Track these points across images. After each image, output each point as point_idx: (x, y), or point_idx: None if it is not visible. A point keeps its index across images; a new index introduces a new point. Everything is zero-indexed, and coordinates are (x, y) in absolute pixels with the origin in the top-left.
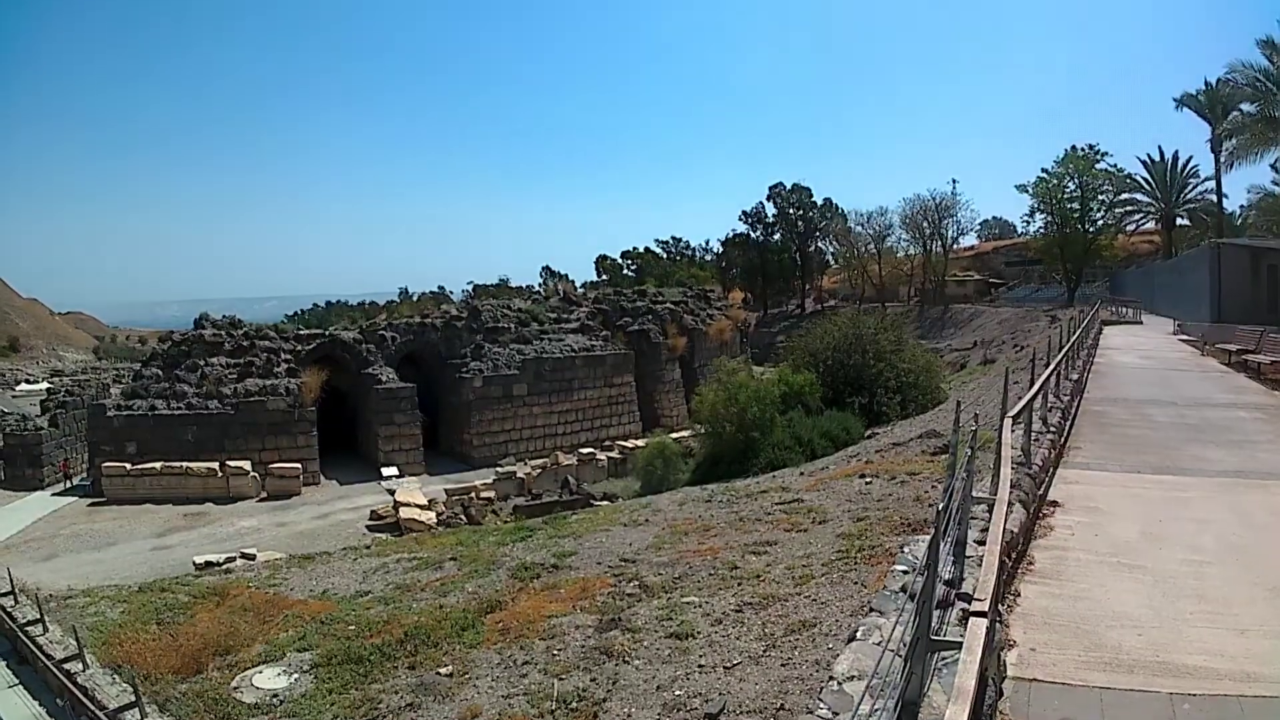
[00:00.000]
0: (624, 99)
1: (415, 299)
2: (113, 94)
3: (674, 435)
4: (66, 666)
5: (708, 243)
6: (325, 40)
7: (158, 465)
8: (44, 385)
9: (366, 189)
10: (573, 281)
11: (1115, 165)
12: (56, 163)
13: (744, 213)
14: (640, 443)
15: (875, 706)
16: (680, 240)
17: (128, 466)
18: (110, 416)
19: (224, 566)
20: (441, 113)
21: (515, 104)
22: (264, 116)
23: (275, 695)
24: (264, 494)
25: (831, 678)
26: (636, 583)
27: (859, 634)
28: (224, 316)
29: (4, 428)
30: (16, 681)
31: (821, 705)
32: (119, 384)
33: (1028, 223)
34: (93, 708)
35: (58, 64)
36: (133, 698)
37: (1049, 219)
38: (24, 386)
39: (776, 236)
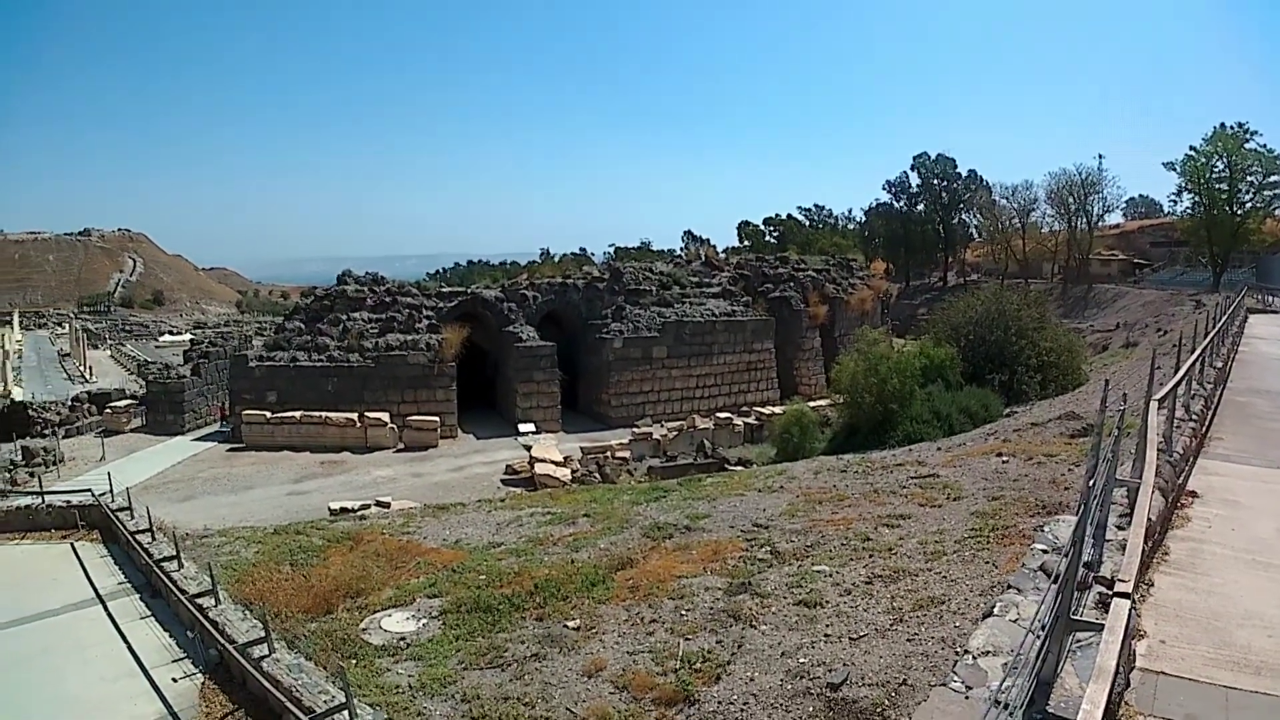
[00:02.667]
0: (767, 65)
1: (557, 260)
2: (260, 63)
3: (811, 404)
4: (199, 601)
5: (850, 211)
6: (466, 3)
7: (297, 414)
8: (187, 336)
9: (509, 152)
10: (714, 246)
11: (1265, 145)
12: (204, 127)
13: (888, 182)
14: (777, 410)
15: (1009, 683)
16: (823, 208)
17: (267, 414)
18: (252, 366)
19: (358, 513)
20: (585, 78)
21: (657, 72)
22: (408, 80)
23: (402, 639)
24: (401, 445)
25: (966, 652)
26: (768, 548)
27: (995, 610)
28: (366, 273)
29: (147, 376)
30: (148, 613)
31: (955, 678)
32: (261, 336)
33: (1174, 202)
34: (222, 641)
35: (214, 36)
36: (262, 633)
37: (1196, 199)
38: (167, 338)
39: (920, 207)
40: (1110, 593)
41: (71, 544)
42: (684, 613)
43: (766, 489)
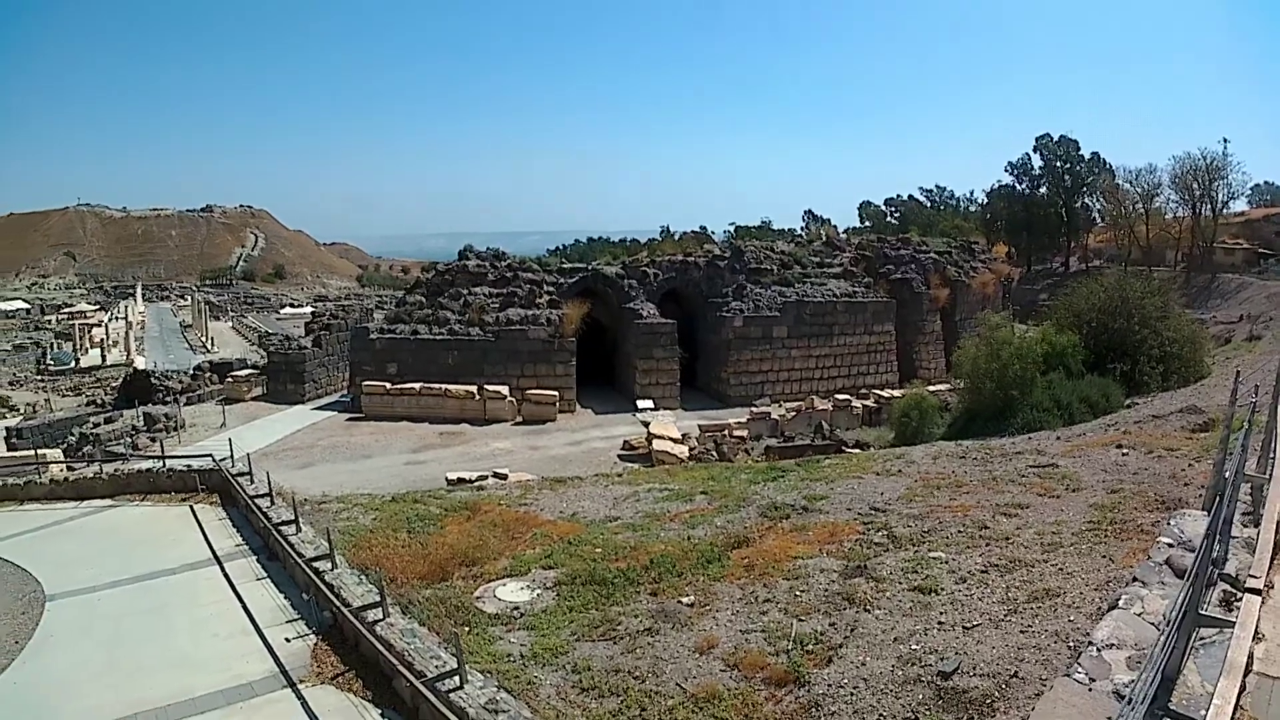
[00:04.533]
0: (888, 42)
1: (677, 238)
2: (381, 39)
3: (931, 388)
4: (315, 564)
5: (972, 193)
6: None
7: (417, 386)
8: (308, 309)
9: (630, 130)
10: (835, 226)
11: None
12: (326, 106)
13: (1010, 163)
14: (897, 393)
15: (1133, 677)
16: (944, 189)
17: (387, 386)
18: (373, 339)
19: (476, 484)
20: (707, 57)
21: (778, 50)
22: (530, 58)
23: (516, 608)
24: (519, 418)
25: (1091, 643)
26: (885, 532)
27: (1120, 603)
28: (488, 249)
29: (268, 347)
30: (264, 575)
31: (1079, 669)
32: (381, 310)
33: None
34: (337, 603)
35: (335, 14)
36: (377, 598)
37: None
38: (288, 310)
39: (1042, 190)
40: (1237, 590)
41: (191, 506)
42: (798, 594)
43: (885, 472)
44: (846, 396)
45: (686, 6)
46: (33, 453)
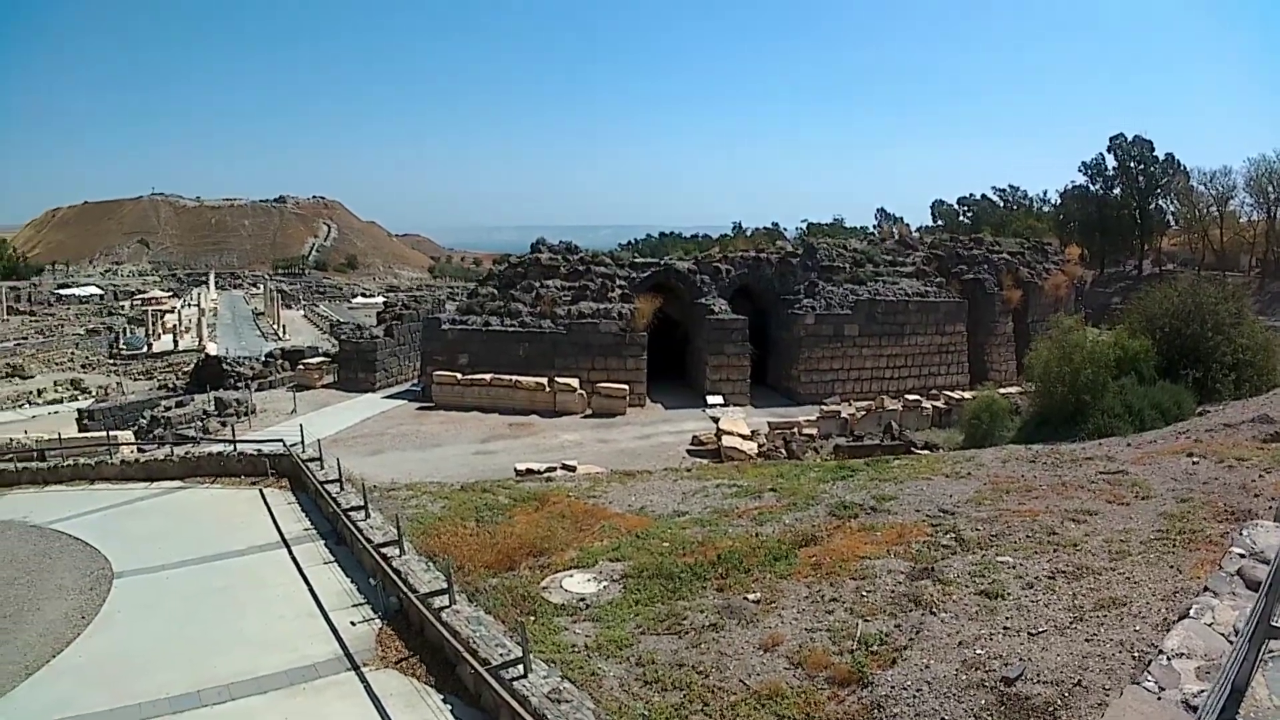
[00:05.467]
0: (961, 37)
1: (749, 234)
2: (453, 33)
3: (1001, 390)
4: (383, 550)
5: (1045, 193)
6: None
7: (487, 376)
8: (380, 299)
9: (702, 126)
10: (908, 225)
11: None
12: (399, 98)
13: (1083, 163)
14: (967, 394)
15: (1202, 688)
16: (1017, 189)
17: (458, 376)
18: (445, 329)
19: (544, 475)
20: (778, 56)
21: (851, 45)
22: (601, 53)
23: (582, 599)
24: (589, 411)
25: (1161, 652)
26: (953, 535)
27: (1191, 612)
28: (560, 242)
29: (340, 335)
30: (331, 559)
31: (1149, 678)
32: (453, 301)
33: None
34: (404, 589)
35: (405, 9)
36: (444, 585)
37: None
38: (360, 300)
39: (1116, 191)
40: None
41: (260, 490)
42: (865, 594)
43: (954, 475)
44: (916, 397)
45: (768, 1)
46: (104, 434)
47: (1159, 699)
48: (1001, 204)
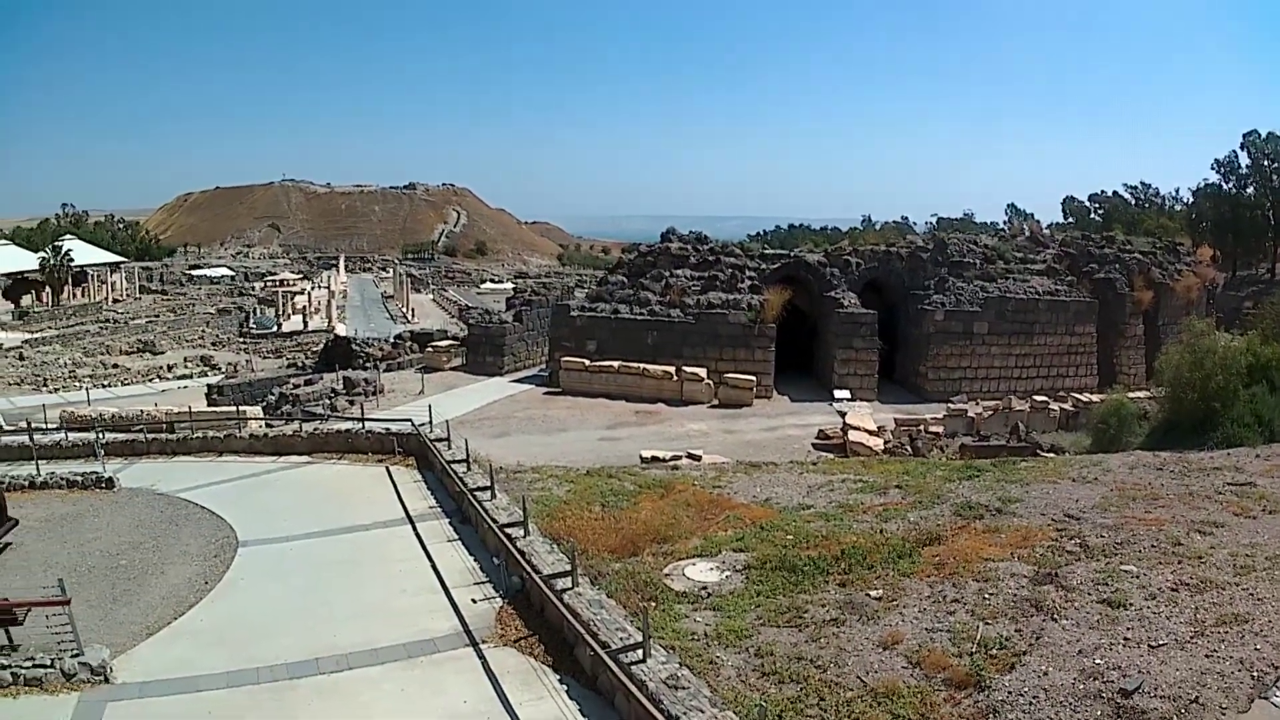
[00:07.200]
0: (1093, 34)
1: (878, 228)
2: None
3: (1130, 394)
4: (508, 531)
5: (1177, 191)
6: None
7: (615, 364)
8: (508, 285)
9: (832, 118)
10: (1038, 221)
11: None
12: (529, 87)
13: (1216, 161)
14: (1095, 397)
15: None
16: (1149, 186)
17: (585, 362)
18: (574, 316)
19: (670, 463)
20: (913, 53)
21: (983, 39)
22: (731, 44)
23: (704, 588)
24: (715, 401)
25: None
26: (1078, 541)
27: None
28: (690, 232)
29: (468, 319)
30: (455, 538)
31: (1277, 693)
32: (582, 288)
33: None
34: (528, 569)
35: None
36: (567, 567)
37: None
38: (488, 285)
39: (1249, 190)
40: None
41: (386, 467)
42: (987, 596)
43: (1080, 479)
44: (1044, 398)
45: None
46: (233, 409)
47: None
48: (1133, 202)
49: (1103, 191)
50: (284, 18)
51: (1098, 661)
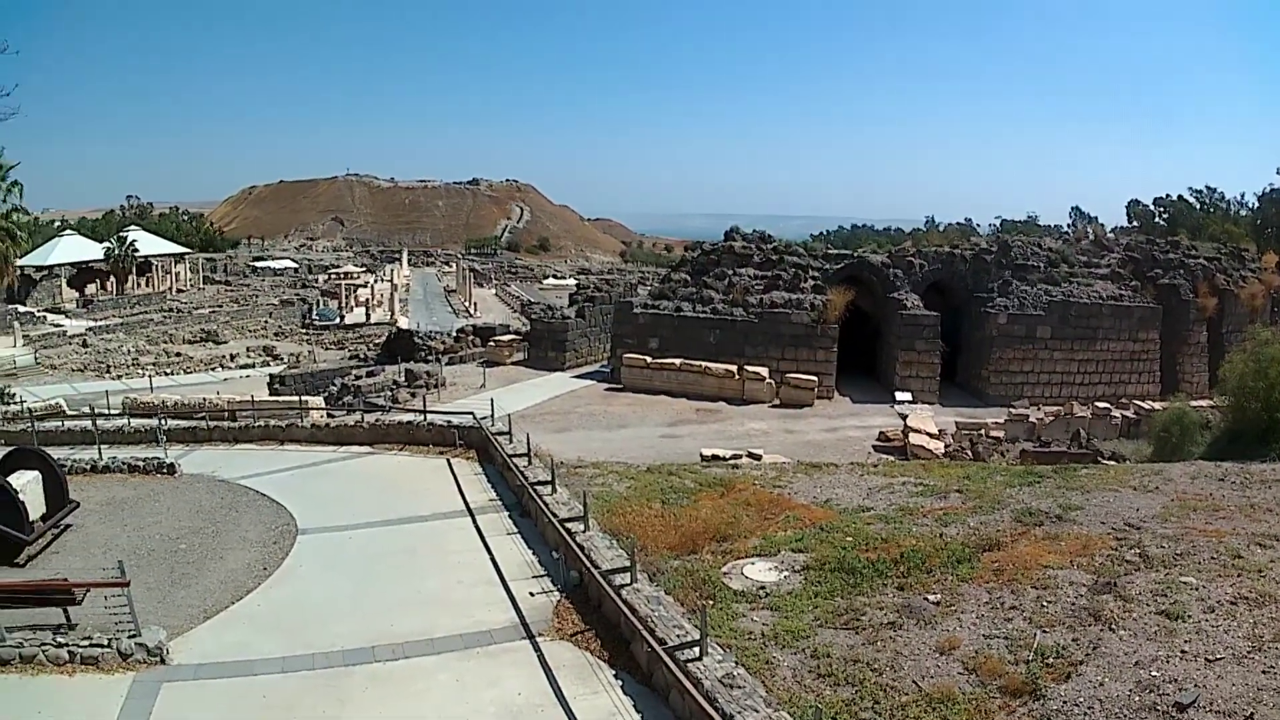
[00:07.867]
0: (1157, 37)
1: (941, 229)
2: (643, 23)
3: (1193, 403)
4: (568, 525)
5: (1242, 196)
6: None
7: (677, 361)
8: (571, 281)
9: (893, 118)
10: (1102, 225)
11: None
12: (589, 85)
13: None
14: (1157, 405)
15: None
16: (1214, 190)
17: (648, 359)
18: (636, 313)
19: (730, 461)
20: (978, 55)
21: (1049, 38)
22: (794, 45)
23: (762, 587)
24: (777, 400)
25: None
26: (1137, 550)
27: None
28: (754, 231)
29: (531, 315)
30: (515, 531)
31: None
32: (644, 285)
33: None
34: (586, 564)
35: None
36: (626, 563)
37: None
38: (551, 281)
39: None
40: None
41: (447, 459)
42: (1045, 604)
43: (1142, 488)
44: (1106, 405)
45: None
46: (295, 398)
47: None
48: (1198, 206)
49: (1167, 195)
50: (353, 14)
51: (1154, 673)
